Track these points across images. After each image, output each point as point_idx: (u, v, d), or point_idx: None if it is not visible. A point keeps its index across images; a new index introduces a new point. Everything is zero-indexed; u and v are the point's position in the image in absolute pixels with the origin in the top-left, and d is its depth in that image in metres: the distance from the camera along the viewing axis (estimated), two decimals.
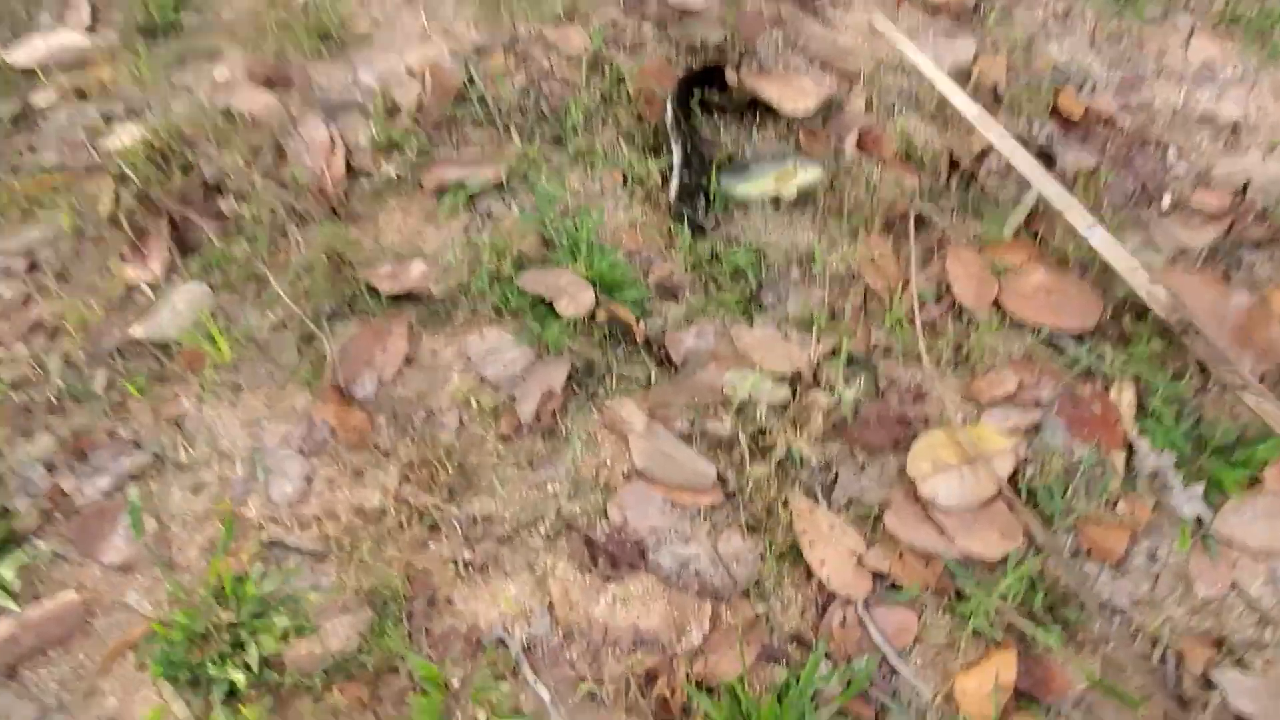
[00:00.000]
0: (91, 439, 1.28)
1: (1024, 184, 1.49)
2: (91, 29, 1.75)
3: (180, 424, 1.30)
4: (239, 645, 1.12)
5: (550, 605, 1.17)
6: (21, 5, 1.77)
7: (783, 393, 1.30)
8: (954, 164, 1.54)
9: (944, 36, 1.71)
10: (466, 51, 1.71)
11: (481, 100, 1.63)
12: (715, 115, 1.63)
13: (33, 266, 1.45)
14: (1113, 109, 1.60)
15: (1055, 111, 1.60)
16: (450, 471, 1.25)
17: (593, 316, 1.37)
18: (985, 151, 1.54)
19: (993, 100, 1.62)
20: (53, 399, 1.31)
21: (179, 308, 1.40)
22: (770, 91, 1.58)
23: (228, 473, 1.27)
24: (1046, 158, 1.54)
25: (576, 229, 1.45)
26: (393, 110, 1.62)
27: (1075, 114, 1.58)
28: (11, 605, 1.13)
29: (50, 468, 1.26)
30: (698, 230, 1.48)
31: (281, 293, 1.39)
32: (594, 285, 1.39)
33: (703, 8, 1.73)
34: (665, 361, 1.36)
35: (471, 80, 1.65)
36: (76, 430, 1.29)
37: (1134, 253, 1.41)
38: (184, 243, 1.48)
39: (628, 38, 1.72)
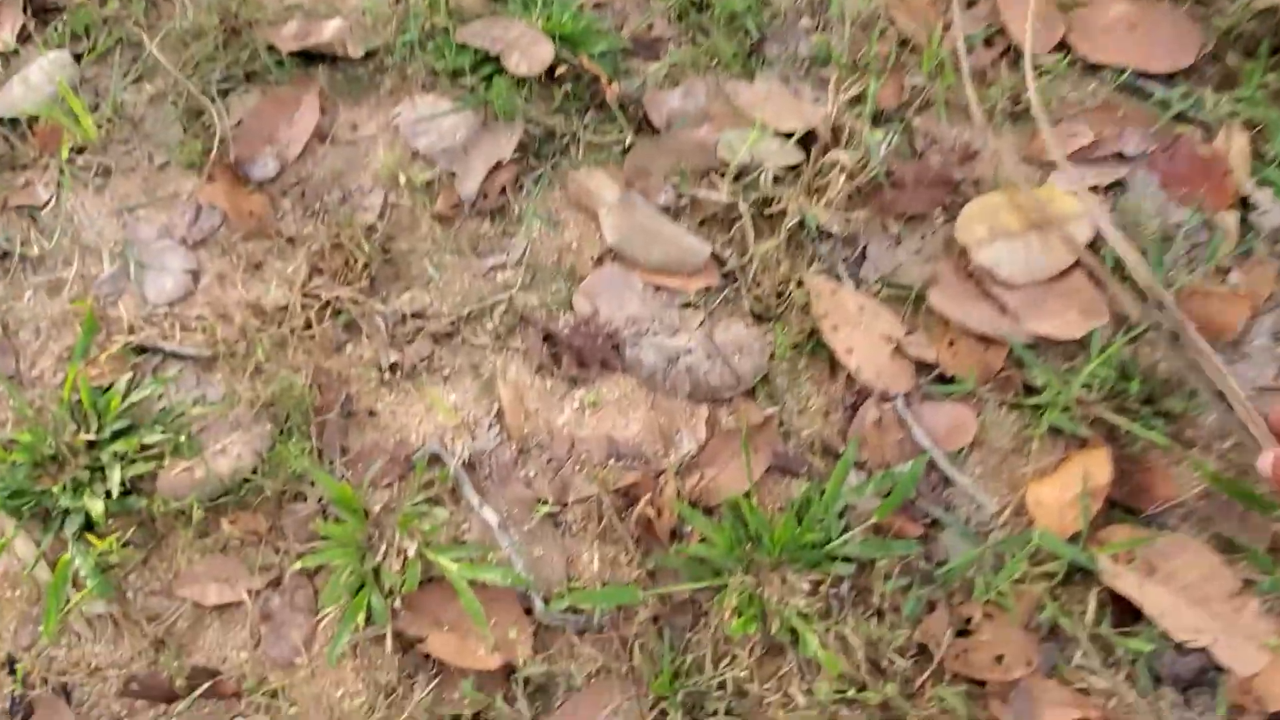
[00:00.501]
0: None
1: None
2: None
3: (33, 215, 1.03)
4: (99, 470, 0.86)
5: (499, 414, 0.91)
6: None
7: (793, 155, 1.01)
8: None
9: None
10: None
11: None
12: None
13: None
14: None
15: None
16: (372, 259, 0.97)
17: (552, 74, 1.07)
18: None
19: None
20: None
21: (33, 80, 1.10)
22: None
23: (92, 269, 1.00)
24: None
25: None
26: None
27: None
28: None
29: None
30: None
31: (161, 59, 1.09)
32: (554, 39, 1.08)
33: None
34: (645, 126, 1.06)
35: None
36: None
37: None
38: (42, 16, 1.17)
39: None
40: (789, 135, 1.01)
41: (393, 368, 0.93)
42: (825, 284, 0.94)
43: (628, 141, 1.05)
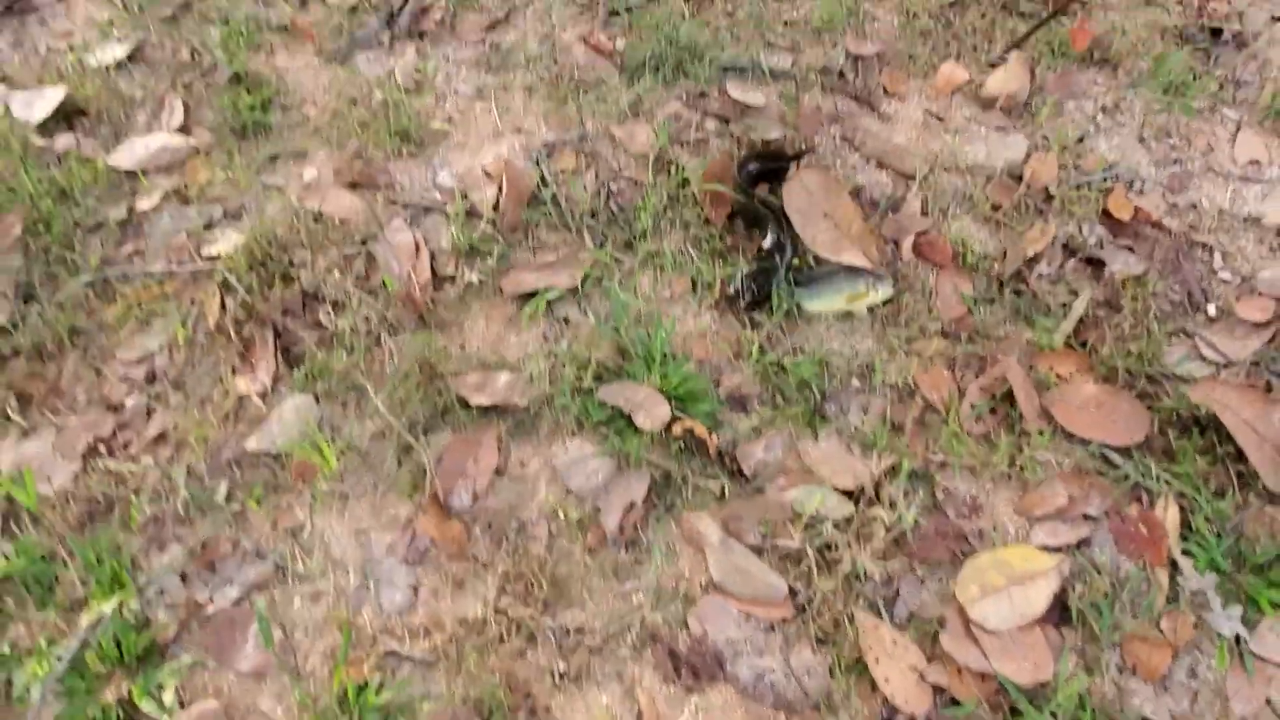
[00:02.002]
0: (218, 549, 1.37)
1: (1075, 290, 1.53)
2: (185, 129, 1.80)
3: (296, 534, 1.39)
4: None
5: (639, 715, 1.26)
6: (120, 107, 1.82)
7: (847, 508, 1.36)
8: (1006, 268, 1.56)
9: (996, 132, 1.72)
10: (537, 148, 1.75)
11: (554, 201, 1.67)
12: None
13: (151, 377, 1.53)
14: (1160, 210, 1.62)
15: (1105, 213, 1.61)
16: (544, 584, 1.33)
17: (669, 428, 1.43)
18: (1038, 255, 1.57)
19: (1044, 200, 1.64)
20: (180, 511, 1.40)
21: (287, 419, 1.48)
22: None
23: (342, 582, 1.36)
24: (1096, 263, 1.56)
25: (650, 339, 1.50)
26: (471, 213, 1.68)
27: (1124, 215, 1.60)
28: (163, 718, 1.23)
29: (184, 578, 1.35)
30: (754, 307, 1.53)
31: (379, 405, 1.47)
32: (669, 398, 1.45)
33: (763, 104, 1.75)
34: (737, 473, 1.42)
35: (544, 181, 1.70)
36: (204, 541, 1.38)
37: (1178, 365, 1.45)
38: (288, 353, 1.55)
39: (691, 134, 1.75)
40: (845, 492, 1.37)
41: (562, 674, 1.28)
42: (869, 620, 1.29)
43: (725, 488, 1.40)
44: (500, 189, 1.69)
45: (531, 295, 1.59)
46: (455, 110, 1.82)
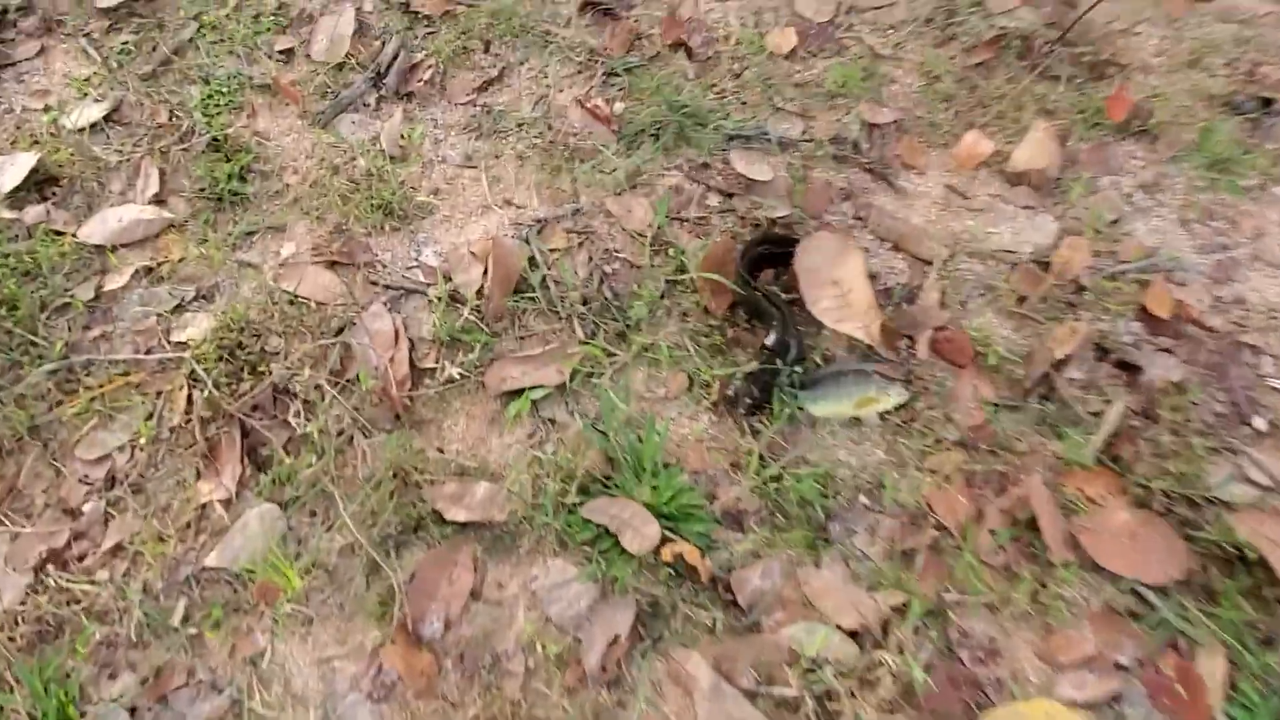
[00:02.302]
0: (171, 679, 1.27)
1: (1108, 397, 1.38)
2: (160, 199, 1.70)
3: (255, 663, 1.29)
4: None
5: None
6: (94, 174, 1.73)
7: (851, 650, 1.24)
8: (1032, 371, 1.42)
9: (1023, 212, 1.58)
10: (528, 224, 1.63)
11: (544, 284, 1.55)
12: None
13: (111, 480, 1.43)
14: (1204, 305, 1.46)
15: (1142, 308, 1.46)
16: None
17: (658, 550, 1.31)
18: (1067, 357, 1.42)
19: (1075, 292, 1.49)
20: (133, 634, 1.30)
21: (251, 531, 1.37)
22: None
23: (301, 718, 1.25)
24: (1131, 368, 1.42)
25: (641, 445, 1.38)
26: (455, 298, 1.56)
27: (1163, 312, 1.45)
28: None
29: (133, 710, 1.25)
30: (755, 411, 1.41)
31: (347, 519, 1.36)
32: (659, 515, 1.33)
33: (770, 178, 1.62)
34: (731, 604, 1.30)
35: (533, 261, 1.58)
36: (158, 668, 1.28)
37: (1221, 488, 1.30)
38: (255, 454, 1.45)
39: (692, 209, 1.62)
40: (849, 631, 1.24)
41: None
42: None
43: (718, 620, 1.28)
44: (486, 271, 1.57)
45: (516, 393, 1.47)
46: (443, 180, 1.71)
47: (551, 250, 1.60)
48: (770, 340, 1.45)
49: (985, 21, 1.77)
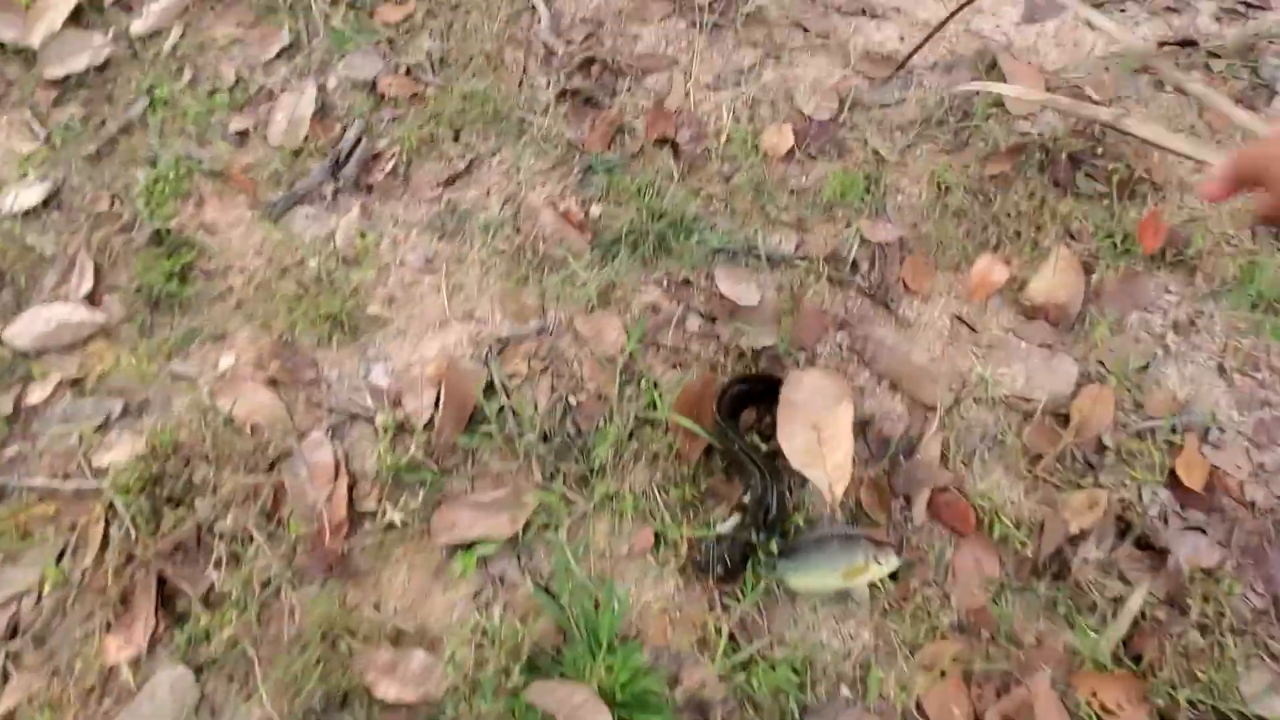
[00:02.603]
0: None
1: (1129, 581, 1.23)
2: (93, 298, 1.58)
3: None
4: None
5: None
6: (26, 267, 1.61)
7: None
8: (1044, 547, 1.27)
9: (1040, 351, 1.42)
10: (489, 343, 1.49)
11: (500, 415, 1.42)
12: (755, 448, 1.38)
13: (14, 630, 1.31)
14: (1244, 473, 1.31)
15: (1172, 475, 1.30)
16: None
17: None
18: (1084, 532, 1.27)
19: (1096, 451, 1.33)
20: None
21: (160, 699, 1.25)
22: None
23: None
24: (1155, 551, 1.26)
25: (597, 613, 1.24)
26: (403, 427, 1.43)
27: (1196, 482, 1.30)
28: None
29: None
30: (727, 580, 1.27)
31: (264, 691, 1.22)
32: (612, 703, 1.18)
33: (756, 302, 1.47)
34: None
35: (491, 387, 1.44)
36: None
37: (1259, 700, 1.14)
38: (171, 603, 1.32)
39: (669, 334, 1.48)
40: None
41: None
42: None
43: None
44: (439, 399, 1.43)
45: (464, 545, 1.33)
46: (399, 287, 1.57)
47: (512, 375, 1.46)
48: (747, 498, 1.30)
49: (1004, 127, 1.61)
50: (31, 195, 1.70)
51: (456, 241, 1.61)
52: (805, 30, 1.79)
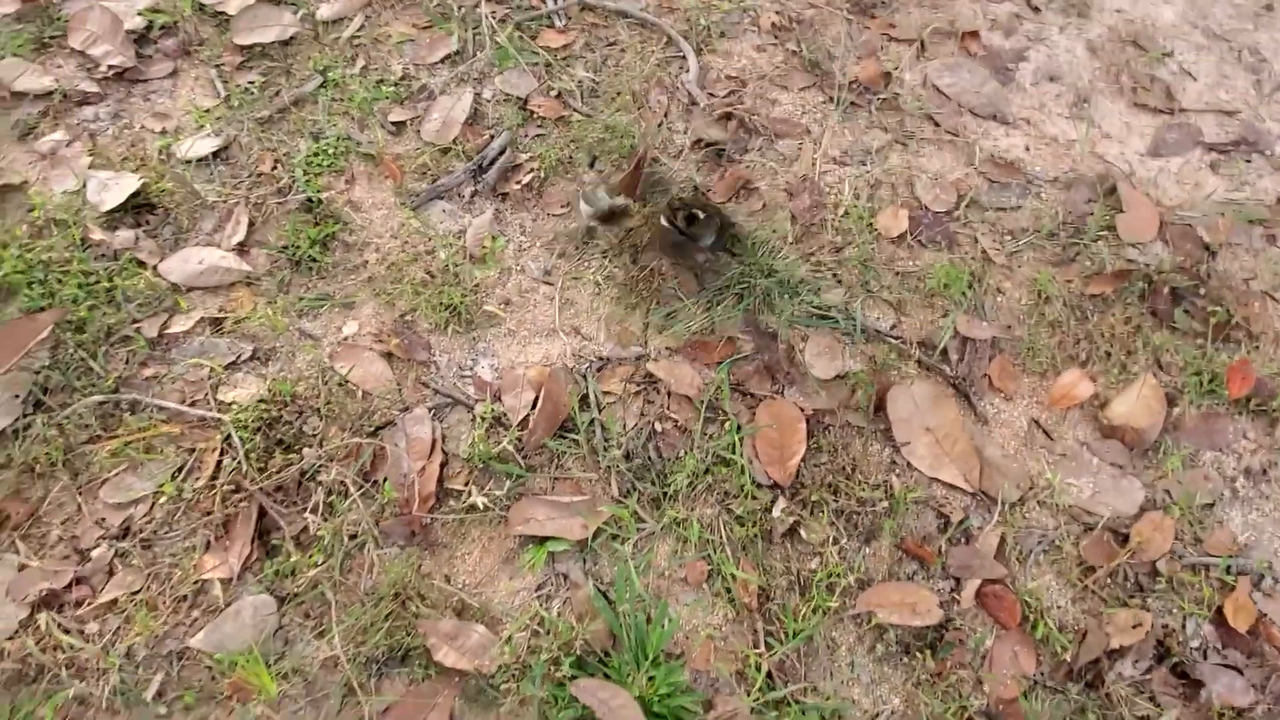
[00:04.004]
0: None
1: (1160, 705, 1.32)
2: (242, 249, 1.80)
3: None
4: None
5: None
6: (189, 210, 1.83)
7: None
8: (1082, 655, 1.37)
9: (1110, 470, 1.53)
10: (590, 359, 1.66)
11: (590, 428, 1.57)
12: None
13: (125, 530, 1.50)
14: None
15: (1219, 613, 1.40)
16: None
17: None
18: (1124, 648, 1.37)
19: (1149, 575, 1.43)
20: (107, 698, 1.35)
21: (243, 620, 1.42)
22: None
23: None
24: (1189, 681, 1.35)
25: (648, 627, 1.37)
26: (499, 421, 1.59)
27: (1242, 624, 1.39)
28: None
29: None
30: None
31: (337, 632, 1.39)
32: (650, 711, 1.31)
33: (836, 373, 1.61)
34: None
35: (585, 401, 1.60)
36: None
37: None
38: (266, 537, 1.50)
39: (753, 384, 1.62)
40: None
41: None
42: None
43: None
44: (536, 401, 1.60)
45: (536, 538, 1.49)
46: (516, 291, 1.75)
47: (606, 394, 1.62)
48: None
49: (1113, 251, 1.74)
50: (205, 146, 1.94)
51: (575, 260, 1.79)
52: (936, 124, 1.95)
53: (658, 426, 1.60)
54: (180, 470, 1.55)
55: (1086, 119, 1.97)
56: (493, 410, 1.60)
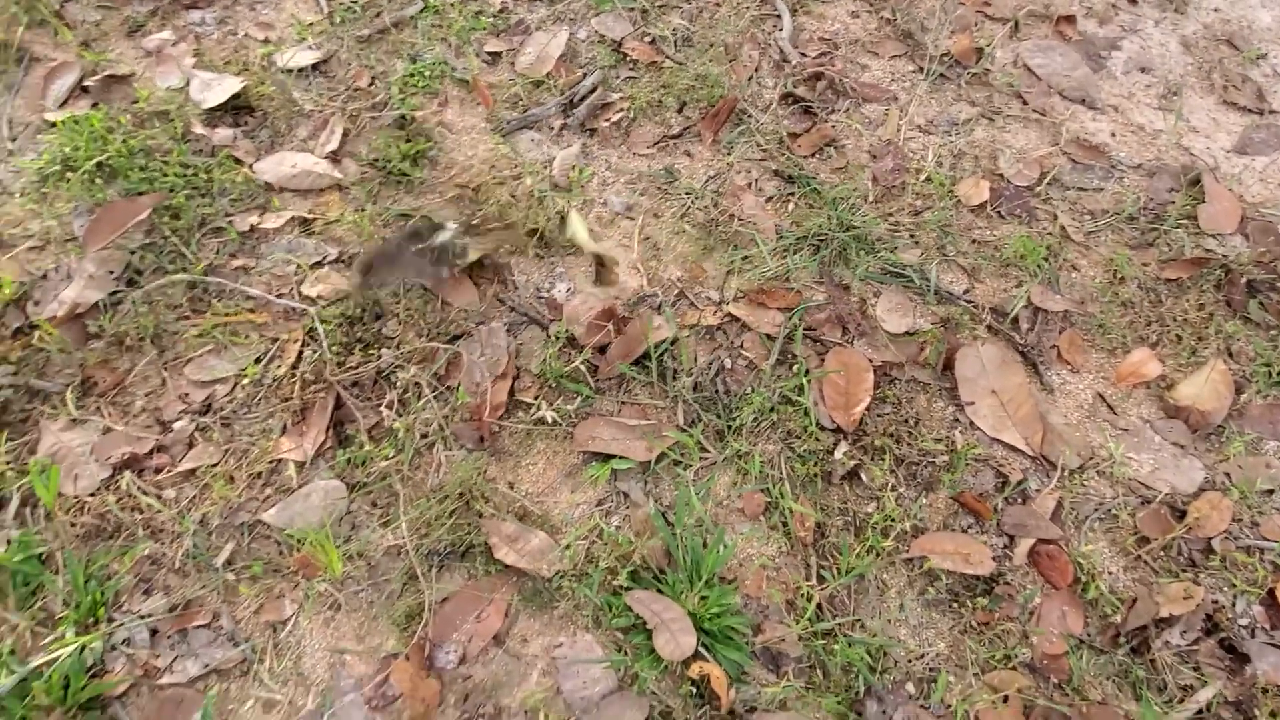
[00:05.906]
0: (197, 614, 1.37)
1: (1204, 676, 1.33)
2: (334, 156, 1.85)
3: (276, 630, 1.37)
4: None
5: None
6: (286, 115, 1.89)
7: None
8: (1130, 620, 1.38)
9: (1172, 449, 1.54)
10: (666, 296, 1.69)
11: (661, 358, 1.61)
12: None
13: (208, 406, 1.56)
14: None
15: (1270, 595, 1.41)
16: None
17: (687, 663, 1.33)
18: (1173, 618, 1.38)
19: (1202, 551, 1.45)
20: (178, 560, 1.41)
21: (313, 501, 1.47)
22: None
23: (300, 700, 1.33)
24: (1238, 654, 1.36)
25: (704, 550, 1.41)
26: (572, 342, 1.63)
27: None
28: None
29: (154, 632, 1.35)
30: None
31: (404, 521, 1.43)
32: (699, 628, 1.35)
33: (906, 329, 1.63)
34: None
35: (658, 332, 1.63)
36: (189, 600, 1.38)
37: None
38: (340, 428, 1.55)
39: (824, 331, 1.65)
40: None
41: None
42: None
43: None
44: (611, 328, 1.64)
45: (600, 455, 1.53)
46: (596, 222, 1.79)
47: (681, 327, 1.65)
48: None
49: (1192, 238, 1.75)
50: (305, 57, 1.99)
51: (657, 199, 1.83)
52: (1024, 103, 1.96)
53: (727, 362, 1.63)
54: (263, 356, 1.61)
55: (1175, 111, 1.97)
56: (566, 331, 1.64)
